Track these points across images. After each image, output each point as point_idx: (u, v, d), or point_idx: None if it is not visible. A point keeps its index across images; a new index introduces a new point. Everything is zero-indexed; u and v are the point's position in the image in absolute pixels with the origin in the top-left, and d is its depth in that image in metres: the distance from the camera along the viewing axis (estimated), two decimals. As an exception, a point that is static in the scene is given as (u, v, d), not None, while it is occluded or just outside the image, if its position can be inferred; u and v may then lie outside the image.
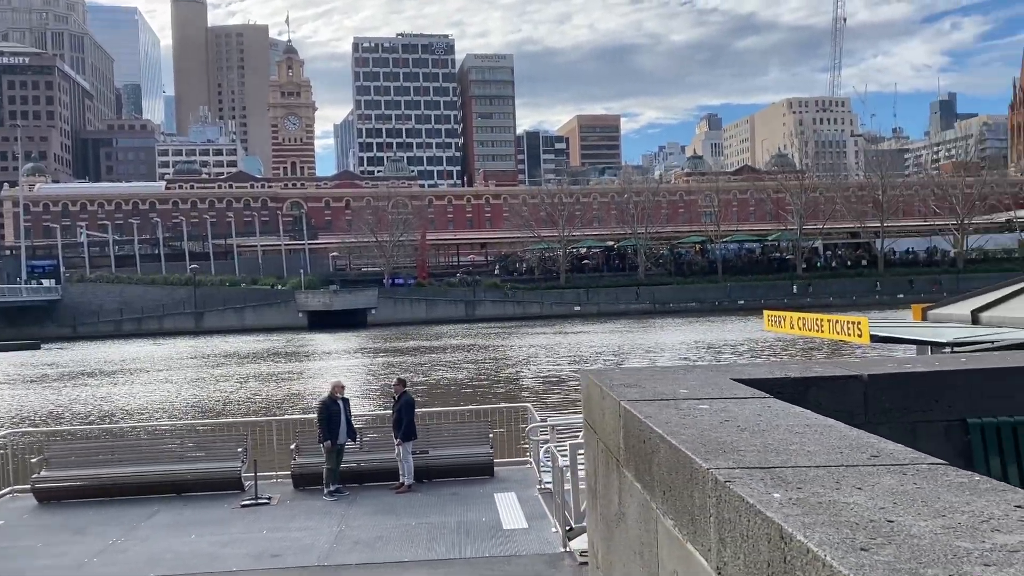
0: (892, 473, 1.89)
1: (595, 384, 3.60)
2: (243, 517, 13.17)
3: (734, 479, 1.90)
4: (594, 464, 3.71)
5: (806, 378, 3.53)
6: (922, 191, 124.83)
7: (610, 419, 3.23)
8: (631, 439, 2.75)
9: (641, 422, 2.61)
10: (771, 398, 2.95)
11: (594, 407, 3.63)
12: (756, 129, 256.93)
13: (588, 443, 3.91)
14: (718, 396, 3.01)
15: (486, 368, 43.34)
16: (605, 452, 3.33)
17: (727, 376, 3.56)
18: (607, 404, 3.29)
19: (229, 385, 40.06)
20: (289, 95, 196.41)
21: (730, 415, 2.63)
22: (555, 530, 11.60)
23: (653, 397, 3.03)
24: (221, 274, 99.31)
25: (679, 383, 3.42)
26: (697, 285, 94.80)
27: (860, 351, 41.86)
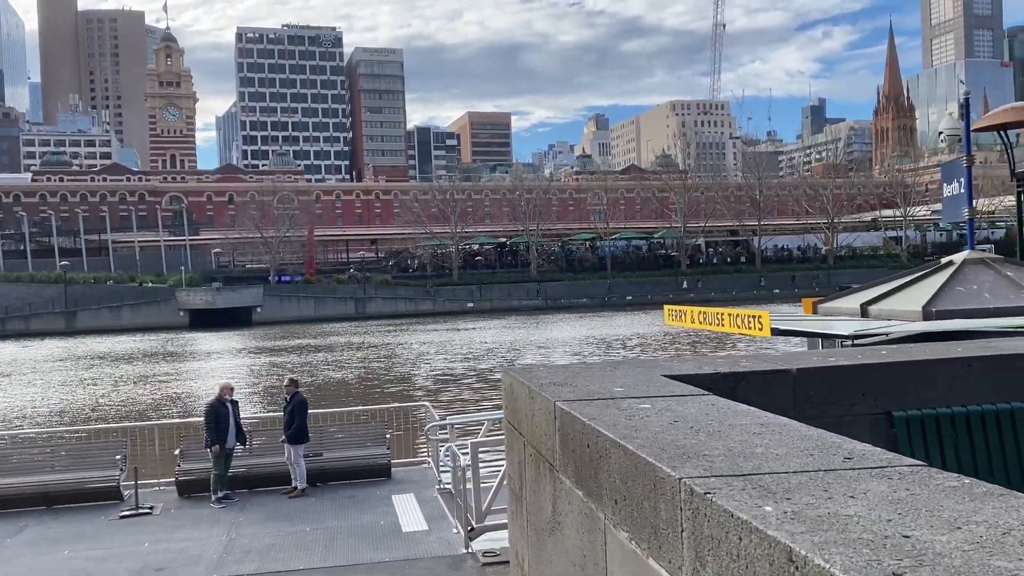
0: (876, 478, 1.76)
1: (521, 383, 3.39)
2: (122, 529, 12.35)
3: (714, 490, 1.73)
4: (519, 468, 3.50)
5: (736, 373, 3.43)
6: (795, 191, 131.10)
7: (541, 421, 3.02)
8: (570, 443, 2.55)
9: (584, 424, 2.41)
10: (711, 395, 2.82)
11: (520, 408, 3.42)
12: (641, 130, 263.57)
13: (512, 446, 3.69)
14: (656, 394, 2.85)
15: (377, 367, 42.62)
16: (535, 456, 3.13)
17: (657, 372, 3.42)
18: (537, 405, 3.08)
19: (102, 388, 37.86)
20: (168, 85, 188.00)
21: (677, 415, 2.46)
22: (456, 531, 11.37)
23: (589, 396, 2.84)
24: (95, 271, 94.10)
25: (611, 381, 3.25)
26: (587, 281, 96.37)
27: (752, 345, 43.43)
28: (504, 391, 3.78)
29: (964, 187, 9.30)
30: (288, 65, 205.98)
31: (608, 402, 2.70)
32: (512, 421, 3.61)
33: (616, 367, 3.65)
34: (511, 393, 3.62)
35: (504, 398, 3.79)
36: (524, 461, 3.35)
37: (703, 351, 44.48)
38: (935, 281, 9.27)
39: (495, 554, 10.39)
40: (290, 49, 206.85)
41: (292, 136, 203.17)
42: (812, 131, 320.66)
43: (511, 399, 3.63)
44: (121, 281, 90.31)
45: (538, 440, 3.08)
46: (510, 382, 3.65)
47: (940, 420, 3.54)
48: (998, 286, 9.08)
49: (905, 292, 9.63)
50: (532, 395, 3.17)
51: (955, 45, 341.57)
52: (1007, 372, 3.71)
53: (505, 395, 3.76)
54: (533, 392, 3.16)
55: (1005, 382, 3.67)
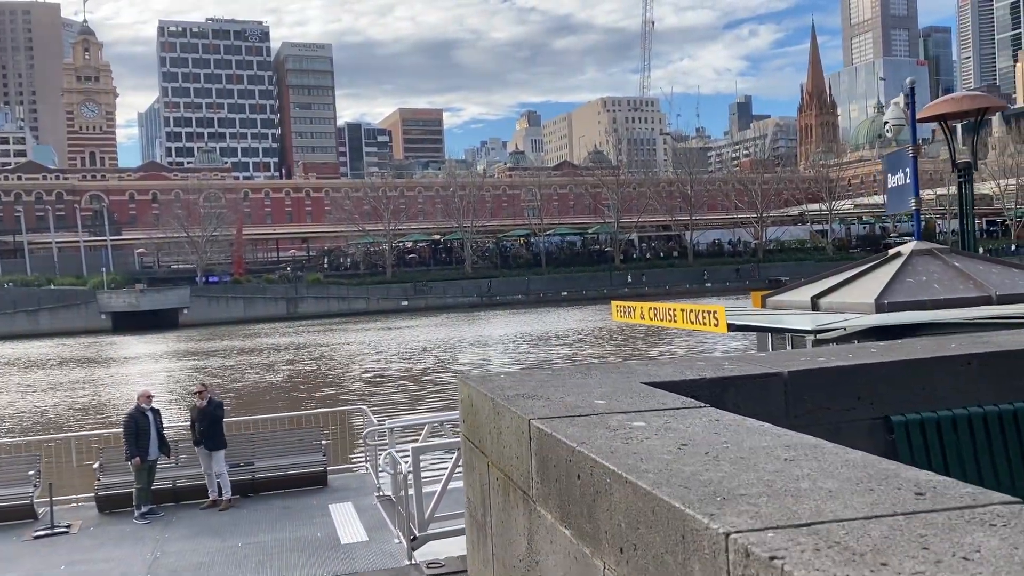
0: (975, 524, 1.37)
1: (482, 395, 2.94)
2: (36, 551, 11.47)
3: (780, 553, 1.30)
4: (482, 493, 3.05)
5: (723, 379, 3.05)
6: (724, 187, 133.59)
7: (511, 441, 2.58)
8: (552, 471, 2.11)
9: (571, 450, 1.98)
10: (709, 408, 2.42)
11: (482, 423, 2.97)
12: (573, 126, 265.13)
13: (472, 466, 3.24)
14: (646, 408, 2.44)
15: (309, 369, 41.57)
16: (503, 481, 2.69)
17: (635, 379, 3.02)
18: (505, 422, 2.65)
19: (12, 397, 35.96)
20: (86, 79, 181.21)
21: (682, 435, 2.05)
22: (398, 541, 10.86)
23: (569, 412, 2.42)
24: (10, 274, 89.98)
25: (587, 391, 2.83)
26: (522, 277, 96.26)
27: (693, 340, 43.72)
28: (461, 403, 3.32)
29: (911, 177, 9.21)
30: (213, 60, 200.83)
31: (593, 419, 2.28)
32: (472, 438, 3.17)
33: (587, 373, 3.23)
34: (470, 406, 3.17)
35: (461, 411, 3.34)
36: (489, 485, 2.91)
37: (641, 347, 44.69)
38: (885, 273, 9.14)
39: (440, 564, 9.92)
40: (215, 43, 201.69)
41: (218, 133, 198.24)
42: (739, 127, 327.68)
43: (470, 413, 3.18)
44: (38, 284, 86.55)
45: (507, 463, 2.64)
46: (468, 393, 3.20)
47: (941, 424, 3.24)
48: (946, 277, 8.99)
49: (855, 284, 9.49)
50: (498, 410, 2.73)
51: (874, 44, 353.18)
52: (1006, 369, 3.43)
53: (463, 408, 3.31)
54: (499, 407, 2.71)
55: (1005, 380, 3.39)
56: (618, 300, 11.87)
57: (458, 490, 12.53)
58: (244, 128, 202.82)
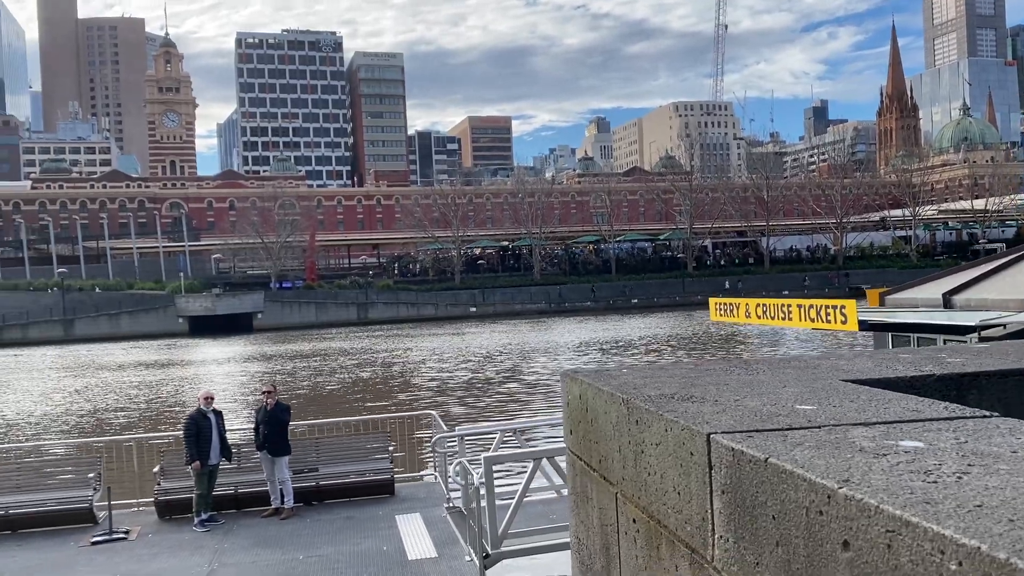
0: None
1: (606, 396, 2.03)
2: (92, 558, 10.98)
3: None
4: (602, 537, 2.13)
5: (963, 375, 2.08)
6: (801, 192, 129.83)
7: (664, 467, 1.65)
8: (770, 527, 1.27)
9: (829, 495, 1.15)
10: (994, 415, 1.50)
11: (604, 438, 2.06)
12: (644, 131, 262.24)
13: (583, 493, 2.32)
14: (895, 419, 1.46)
15: (378, 374, 41.21)
16: (647, 527, 1.76)
17: (834, 376, 2.08)
18: (652, 437, 1.72)
19: (87, 398, 36.43)
20: (168, 91, 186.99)
21: (990, 462, 1.23)
22: (469, 559, 9.98)
23: (767, 423, 1.48)
24: (93, 278, 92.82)
25: (771, 391, 1.91)
26: (591, 284, 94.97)
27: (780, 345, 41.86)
28: (568, 407, 2.40)
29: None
30: (288, 70, 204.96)
31: (820, 434, 1.38)
32: (585, 456, 2.24)
33: (749, 368, 2.30)
34: (583, 411, 2.25)
35: (568, 418, 2.42)
36: (617, 527, 1.98)
37: (719, 354, 43.04)
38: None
39: (513, 587, 9.02)
40: (290, 54, 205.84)
41: (293, 142, 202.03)
42: (815, 132, 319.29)
43: (583, 421, 2.26)
44: (119, 288, 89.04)
45: (654, 500, 1.71)
46: (581, 393, 2.28)
47: None
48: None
49: (994, 280, 8.22)
50: (638, 417, 1.80)
51: (958, 44, 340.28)
52: None
53: (571, 414, 2.39)
54: (640, 413, 1.79)
55: None
56: (686, 306, 10.83)
57: (534, 503, 11.62)
58: (318, 137, 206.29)
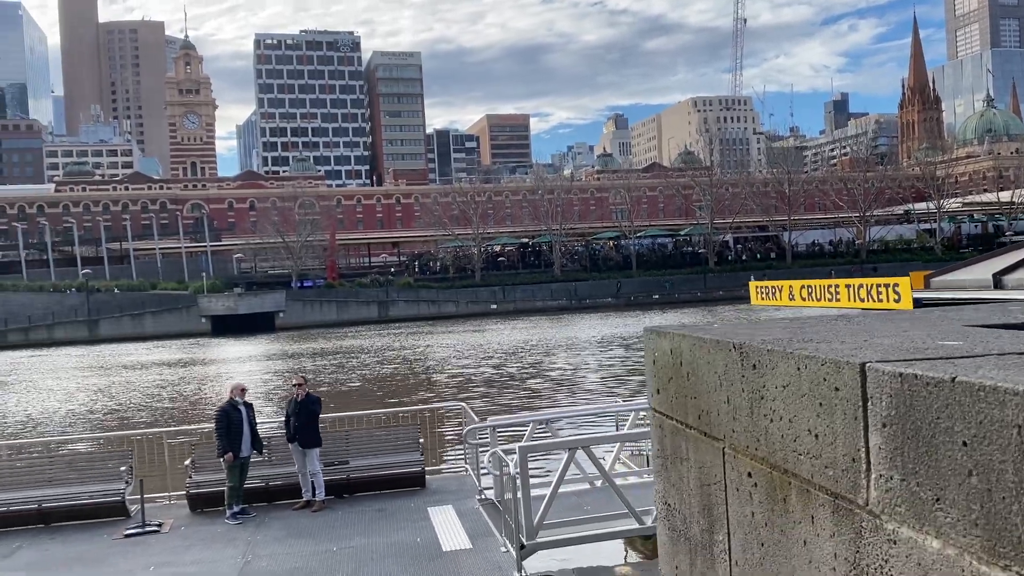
0: None
1: (711, 345, 1.89)
2: (126, 550, 10.96)
3: None
4: (702, 495, 1.99)
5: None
6: (823, 185, 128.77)
7: (801, 410, 1.53)
8: (958, 453, 1.16)
9: None
10: None
11: (707, 390, 1.92)
12: (663, 127, 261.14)
13: (675, 456, 2.18)
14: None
15: (401, 370, 41.22)
16: (771, 479, 1.62)
17: (951, 323, 1.94)
18: (776, 379, 1.57)
19: (113, 395, 36.68)
20: (188, 92, 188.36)
21: None
22: (505, 550, 9.87)
23: (920, 355, 1.41)
24: (117, 279, 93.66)
25: (898, 334, 1.76)
26: (612, 280, 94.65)
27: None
28: (656, 365, 2.27)
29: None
30: (307, 71, 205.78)
31: (987, 360, 1.27)
32: (679, 415, 2.11)
33: (854, 320, 2.16)
34: (675, 366, 2.11)
35: (655, 377, 2.28)
36: (725, 484, 1.85)
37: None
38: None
39: (553, 578, 8.89)
40: (308, 55, 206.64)
41: (312, 142, 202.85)
42: (836, 126, 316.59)
43: (675, 376, 2.12)
44: (143, 289, 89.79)
45: (783, 449, 1.58)
46: (674, 347, 2.14)
47: None
48: None
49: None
50: (755, 362, 1.66)
51: (980, 35, 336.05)
52: None
53: (658, 372, 2.25)
54: (758, 356, 1.64)
55: None
56: (707, 301, 10.64)
57: (567, 495, 11.49)
58: (336, 137, 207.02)
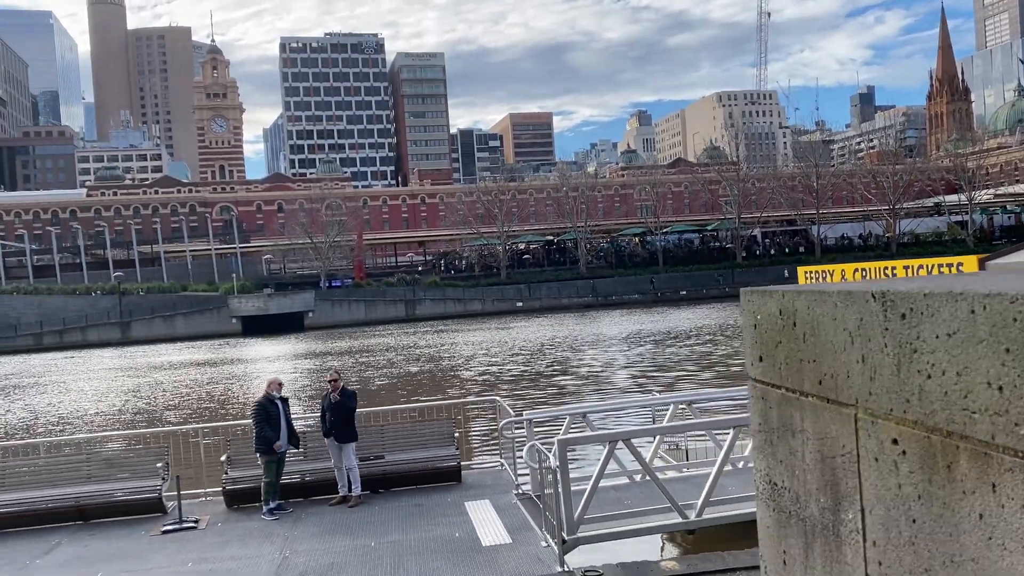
0: None
1: (844, 296, 1.67)
2: (164, 546, 10.93)
3: None
4: (822, 470, 1.79)
5: None
6: (850, 179, 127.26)
7: (975, 360, 1.36)
8: None
9: None
10: None
11: (833, 350, 1.72)
12: (687, 123, 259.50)
13: (785, 429, 1.98)
14: None
15: (427, 368, 41.17)
16: (927, 444, 1.44)
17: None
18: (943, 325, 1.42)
19: (148, 394, 36.99)
20: (215, 96, 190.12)
21: None
22: (546, 544, 9.70)
23: None
24: (148, 281, 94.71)
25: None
26: (639, 276, 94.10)
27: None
28: (758, 330, 2.07)
29: None
30: (332, 73, 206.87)
31: None
32: (790, 382, 1.91)
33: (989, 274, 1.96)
34: (787, 328, 1.91)
35: (757, 344, 2.08)
36: (859, 455, 1.65)
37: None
38: None
39: (598, 573, 8.70)
40: (333, 57, 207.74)
41: (338, 144, 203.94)
42: (862, 119, 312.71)
43: (786, 340, 1.92)
44: (174, 290, 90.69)
45: (947, 408, 1.44)
46: (783, 306, 1.94)
47: None
48: None
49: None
50: (906, 310, 1.47)
51: (1010, 24, 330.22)
52: None
53: (761, 337, 2.05)
54: (911, 302, 1.48)
55: None
56: (736, 297, 10.33)
57: (606, 490, 11.27)
58: (362, 138, 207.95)
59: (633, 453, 10.19)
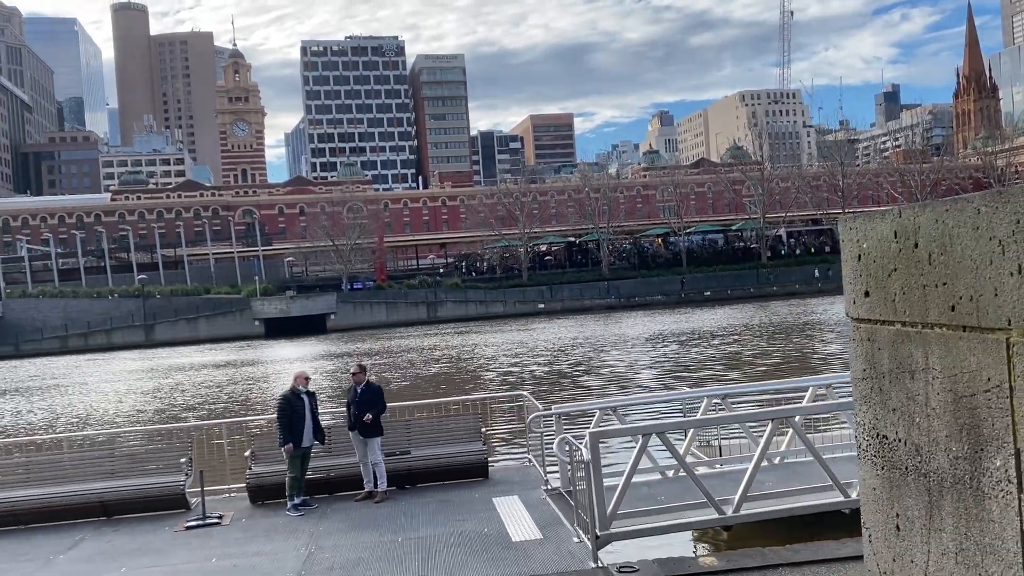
0: None
1: (997, 199, 1.49)
2: (188, 542, 10.75)
3: None
4: (954, 413, 1.59)
5: None
6: (876, 178, 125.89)
7: None
8: None
9: None
10: None
11: (970, 268, 1.50)
12: (710, 123, 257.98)
13: (899, 369, 1.69)
14: None
15: (451, 367, 40.96)
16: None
17: None
18: None
19: (172, 391, 37.05)
20: (237, 100, 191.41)
21: None
22: (578, 540, 9.42)
23: None
24: (172, 284, 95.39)
25: None
26: (662, 277, 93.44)
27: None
28: (863, 261, 1.79)
29: None
30: (352, 76, 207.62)
31: None
32: (909, 314, 1.63)
33: None
34: (905, 251, 1.63)
35: (863, 276, 1.80)
36: (1013, 389, 1.47)
37: (828, 338, 41.59)
38: None
39: (633, 568, 8.41)
40: (354, 60, 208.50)
41: (359, 147, 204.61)
42: (887, 118, 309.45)
43: (902, 266, 1.64)
44: (197, 293, 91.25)
45: None
46: (898, 228, 1.67)
47: None
48: None
49: None
50: None
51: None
52: None
53: (869, 267, 1.77)
54: None
55: None
56: (761, 297, 9.98)
57: (637, 485, 10.95)
58: (383, 141, 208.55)
59: (667, 446, 9.89)
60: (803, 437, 10.04)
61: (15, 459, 13.26)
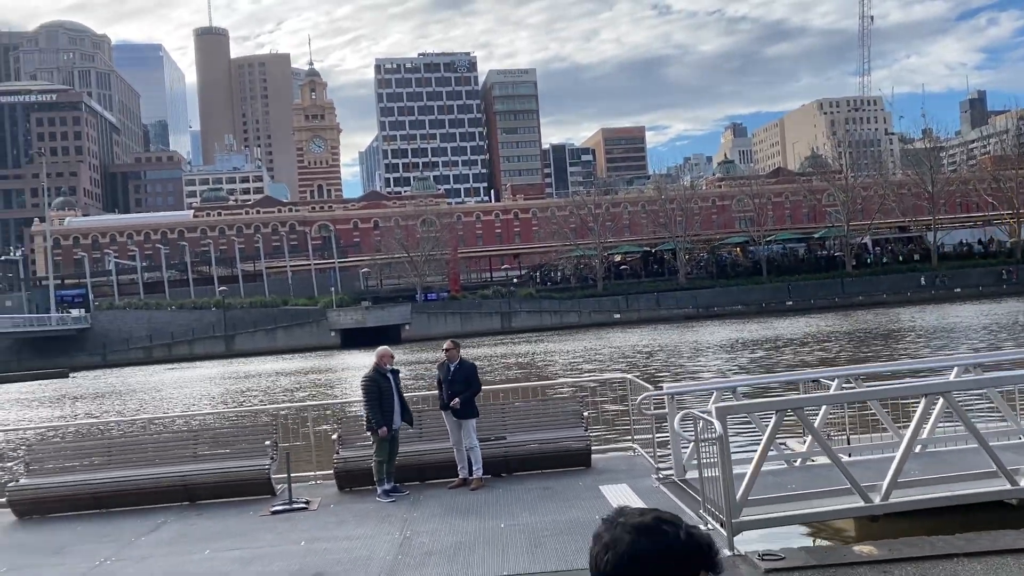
0: None
1: None
2: (274, 527, 10.05)
3: None
4: None
5: None
6: (964, 185, 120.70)
7: None
8: None
9: None
10: None
11: None
12: (786, 132, 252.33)
13: None
14: None
15: (527, 373, 39.98)
16: None
17: None
18: None
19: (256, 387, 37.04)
20: (313, 118, 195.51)
21: None
22: (708, 527, 8.32)
23: None
24: (251, 296, 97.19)
25: None
26: (741, 287, 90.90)
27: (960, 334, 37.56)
28: None
29: None
30: (426, 92, 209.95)
31: None
32: None
33: None
34: None
35: None
36: None
37: (909, 346, 39.35)
38: None
39: (777, 556, 7.29)
40: (427, 77, 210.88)
41: (432, 162, 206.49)
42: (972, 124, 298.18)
43: None
44: (275, 305, 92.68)
45: None
46: None
47: None
48: None
49: None
50: None
51: None
52: None
53: None
54: None
55: None
56: (845, 307, 8.73)
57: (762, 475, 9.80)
58: (455, 156, 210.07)
59: (804, 424, 8.76)
60: (963, 416, 8.76)
61: (97, 440, 12.84)
